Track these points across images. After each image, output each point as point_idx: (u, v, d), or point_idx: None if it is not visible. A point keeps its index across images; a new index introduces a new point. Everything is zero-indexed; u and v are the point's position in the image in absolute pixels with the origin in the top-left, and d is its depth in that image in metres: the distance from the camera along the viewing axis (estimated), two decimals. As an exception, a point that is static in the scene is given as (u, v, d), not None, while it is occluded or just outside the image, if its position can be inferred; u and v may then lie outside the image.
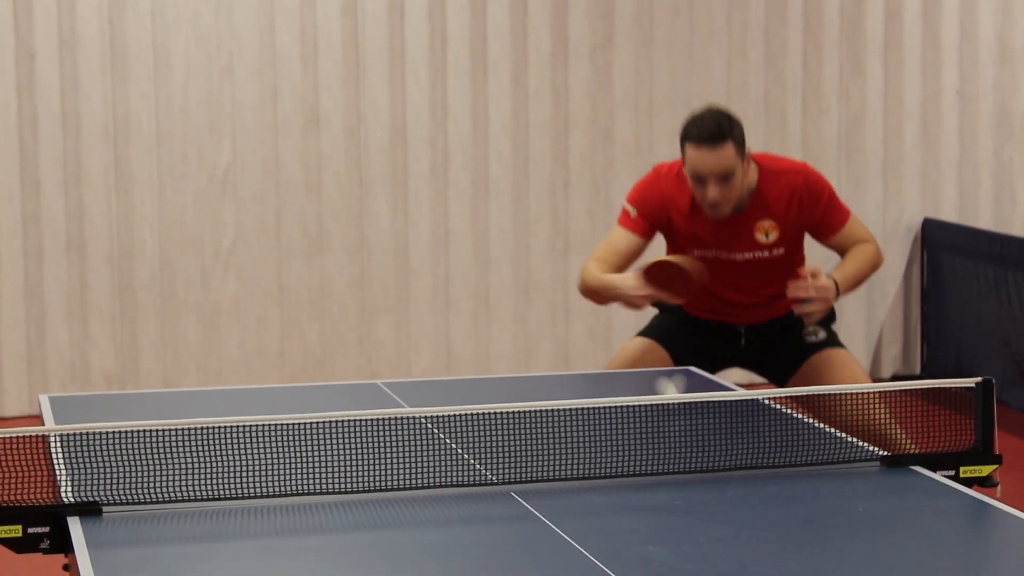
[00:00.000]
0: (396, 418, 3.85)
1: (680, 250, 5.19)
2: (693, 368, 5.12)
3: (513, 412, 3.83)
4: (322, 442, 3.72)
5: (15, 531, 3.37)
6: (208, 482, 3.54)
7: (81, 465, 3.56)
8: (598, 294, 5.11)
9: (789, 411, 4.29)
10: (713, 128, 4.93)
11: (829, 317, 5.31)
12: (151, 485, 3.51)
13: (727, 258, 5.14)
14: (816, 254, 5.73)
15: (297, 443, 3.74)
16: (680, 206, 5.12)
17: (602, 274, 5.06)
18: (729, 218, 5.09)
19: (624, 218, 5.18)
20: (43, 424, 4.23)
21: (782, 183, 5.11)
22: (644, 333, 5.34)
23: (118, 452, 3.58)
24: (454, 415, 3.92)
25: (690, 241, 5.14)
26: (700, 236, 5.13)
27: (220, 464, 3.59)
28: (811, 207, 5.13)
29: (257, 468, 3.60)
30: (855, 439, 4.04)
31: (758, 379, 5.60)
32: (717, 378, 5.00)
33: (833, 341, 5.27)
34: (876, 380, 8.43)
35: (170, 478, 3.55)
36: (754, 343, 5.30)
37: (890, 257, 8.45)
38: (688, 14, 8.15)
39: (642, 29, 8.12)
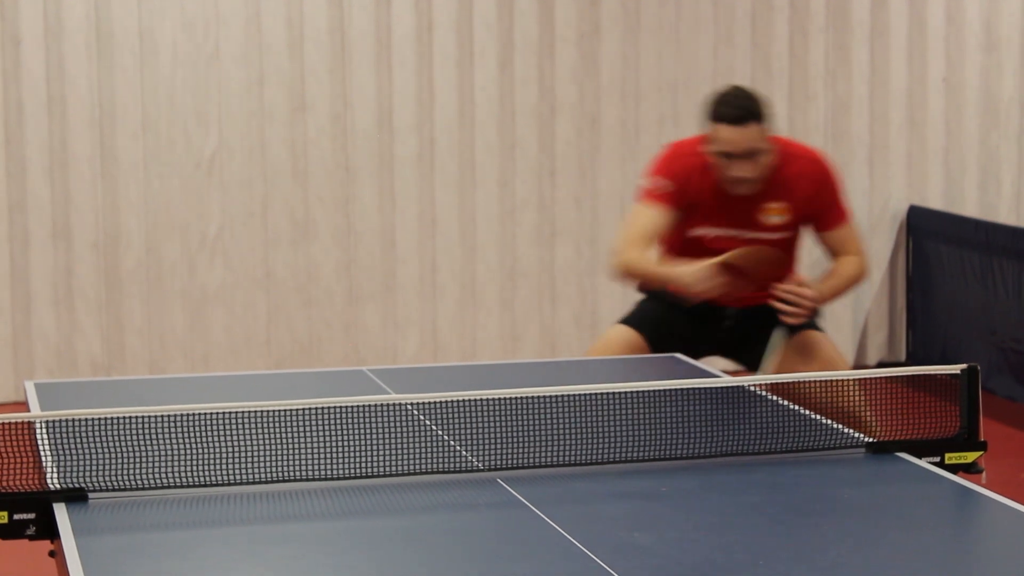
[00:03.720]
0: (382, 405, 3.85)
1: (690, 226, 5.17)
2: (679, 355, 5.12)
3: (499, 399, 3.84)
4: (309, 429, 3.72)
5: (1, 518, 3.37)
6: (194, 469, 3.54)
7: (67, 451, 3.56)
8: (647, 281, 5.08)
9: (774, 398, 4.30)
10: (742, 107, 4.99)
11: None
12: (137, 471, 3.51)
13: (734, 236, 5.14)
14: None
15: (283, 430, 3.74)
16: (699, 182, 5.11)
17: (656, 264, 5.03)
18: (742, 197, 5.10)
19: (655, 194, 5.13)
20: (29, 411, 4.22)
21: (797, 167, 5.14)
22: (625, 321, 5.33)
23: (104, 438, 3.58)
24: (440, 402, 3.92)
25: (703, 217, 5.14)
26: (712, 213, 5.13)
27: (206, 451, 3.59)
28: (820, 195, 5.16)
29: (243, 455, 3.60)
30: (833, 422, 4.05)
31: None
32: (702, 364, 5.01)
33: (812, 325, 5.27)
34: (861, 367, 8.45)
35: (156, 464, 3.55)
36: (738, 328, 5.30)
37: (876, 244, 8.46)
38: (675, 0, 8.15)
39: (628, 15, 8.12)
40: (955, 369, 3.90)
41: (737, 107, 4.99)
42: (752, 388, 4.36)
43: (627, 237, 5.15)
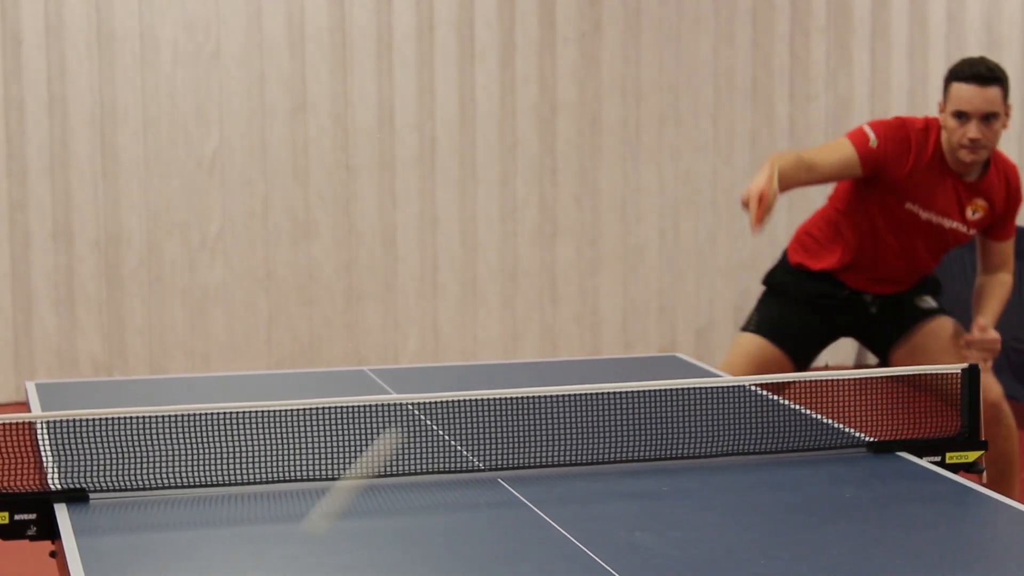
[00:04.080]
0: (383, 405, 3.84)
1: (893, 199, 5.12)
2: (679, 354, 5.11)
3: (500, 399, 3.84)
4: (309, 429, 3.72)
5: (2, 518, 3.37)
6: (195, 469, 3.54)
7: (68, 452, 3.55)
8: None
9: (776, 397, 4.30)
10: (984, 68, 5.04)
11: (938, 288, 5.37)
12: (138, 472, 3.51)
13: (937, 222, 5.14)
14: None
15: (284, 430, 3.74)
16: (917, 158, 5.09)
17: (784, 161, 4.81)
18: (958, 184, 5.10)
19: (861, 140, 5.04)
20: (30, 411, 4.22)
21: (1007, 174, 5.19)
22: (751, 327, 5.27)
23: (105, 439, 3.58)
24: (441, 402, 3.92)
25: (910, 194, 5.10)
26: (926, 193, 5.10)
27: (207, 451, 3.59)
28: (1011, 203, 5.20)
29: (245, 455, 3.60)
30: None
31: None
32: (704, 365, 5.00)
33: (943, 310, 5.31)
34: (863, 366, 8.45)
35: (157, 465, 3.55)
36: (884, 312, 5.29)
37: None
38: (675, 0, 8.15)
39: (629, 15, 8.12)
40: (956, 368, 3.90)
41: (979, 67, 5.04)
42: (753, 388, 4.36)
43: (806, 150, 5.10)
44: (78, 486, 3.44)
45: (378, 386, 4.63)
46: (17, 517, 3.38)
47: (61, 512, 3.35)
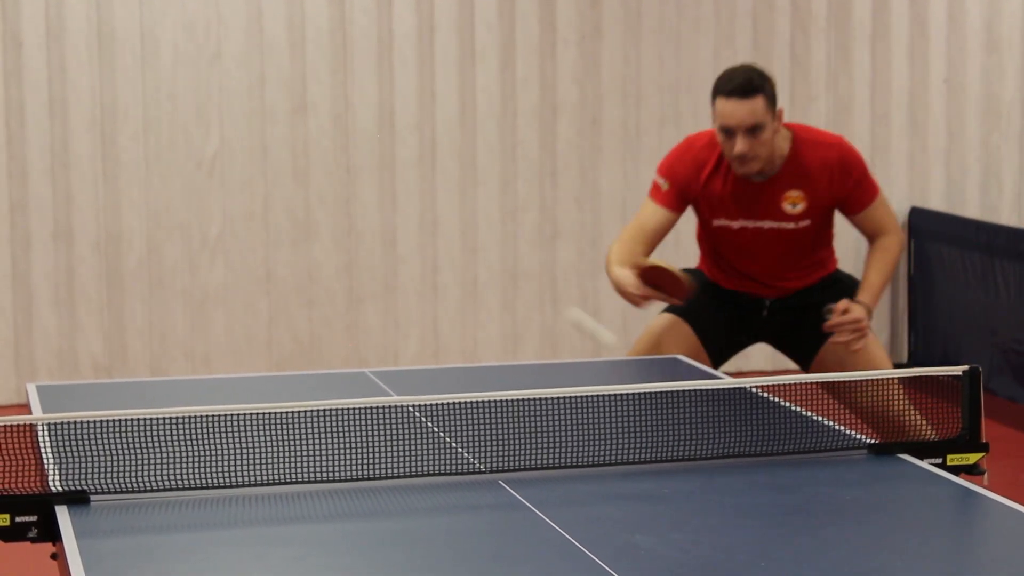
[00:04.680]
0: (384, 407, 3.84)
1: (708, 219, 5.18)
2: (680, 357, 5.12)
3: (501, 400, 3.84)
4: (310, 431, 3.72)
5: (3, 520, 3.37)
6: (196, 471, 3.54)
7: (69, 454, 3.55)
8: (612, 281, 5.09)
9: (776, 399, 4.30)
10: (743, 81, 4.98)
11: (852, 292, 5.31)
12: (139, 474, 3.51)
13: (753, 227, 5.13)
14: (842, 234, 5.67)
15: (285, 432, 3.74)
16: (710, 173, 5.11)
17: (614, 264, 5.02)
18: (758, 185, 5.09)
19: (655, 192, 5.16)
20: (31, 413, 4.22)
21: (816, 155, 5.10)
22: (668, 309, 5.32)
23: (106, 441, 3.58)
24: (441, 403, 3.92)
25: (718, 209, 5.13)
26: (728, 204, 5.12)
27: (208, 453, 3.59)
28: (841, 181, 5.11)
29: (245, 457, 3.60)
30: (841, 430, 4.05)
31: (781, 363, 5.55)
32: (705, 367, 5.00)
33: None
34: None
35: (158, 467, 3.55)
36: (777, 317, 5.29)
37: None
38: (676, 1, 8.15)
39: (630, 16, 8.12)
40: (957, 370, 3.90)
41: (737, 80, 4.98)
42: (753, 390, 4.36)
43: (622, 233, 5.18)
44: (79, 488, 3.44)
45: (378, 388, 4.63)
46: (18, 519, 3.39)
47: (62, 514, 3.35)
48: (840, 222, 5.31)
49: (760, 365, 8.04)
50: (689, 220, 5.33)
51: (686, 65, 8.17)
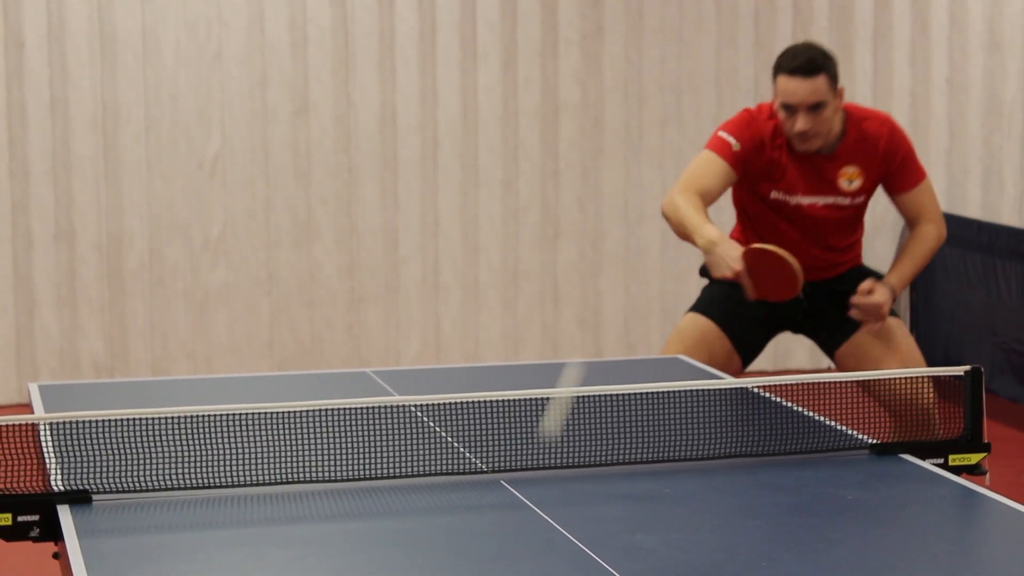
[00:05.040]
0: (386, 406, 3.85)
1: (763, 192, 5.16)
2: (682, 356, 5.11)
3: (502, 400, 3.84)
4: (312, 430, 3.72)
5: (5, 519, 3.37)
6: (197, 470, 3.54)
7: (71, 453, 3.56)
8: (684, 231, 4.95)
9: (777, 399, 4.30)
10: (807, 59, 4.99)
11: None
12: (141, 473, 3.51)
13: (809, 203, 5.14)
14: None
15: (287, 431, 3.74)
16: (773, 145, 5.10)
17: (701, 217, 4.90)
18: (816, 161, 5.10)
19: (724, 149, 5.08)
20: (33, 412, 4.22)
21: (868, 129, 5.13)
22: (696, 308, 5.29)
23: (108, 440, 3.58)
24: (443, 403, 3.92)
25: (778, 183, 5.13)
26: (789, 178, 5.12)
27: (209, 452, 3.59)
28: (891, 157, 5.14)
29: (246, 456, 3.60)
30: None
31: (782, 362, 5.55)
32: (705, 367, 5.00)
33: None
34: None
35: (160, 466, 3.55)
36: (813, 304, 5.28)
37: (878, 246, 8.46)
38: (677, 1, 8.15)
39: (632, 16, 8.12)
40: (959, 371, 3.90)
41: (801, 58, 4.99)
42: (754, 390, 4.36)
43: (685, 180, 5.06)
44: (81, 488, 3.45)
45: (380, 387, 4.63)
46: (20, 519, 3.39)
47: (64, 514, 3.35)
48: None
49: (761, 365, 8.04)
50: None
51: (688, 65, 8.17)
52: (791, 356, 8.36)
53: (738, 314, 5.22)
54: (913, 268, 5.19)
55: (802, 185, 5.13)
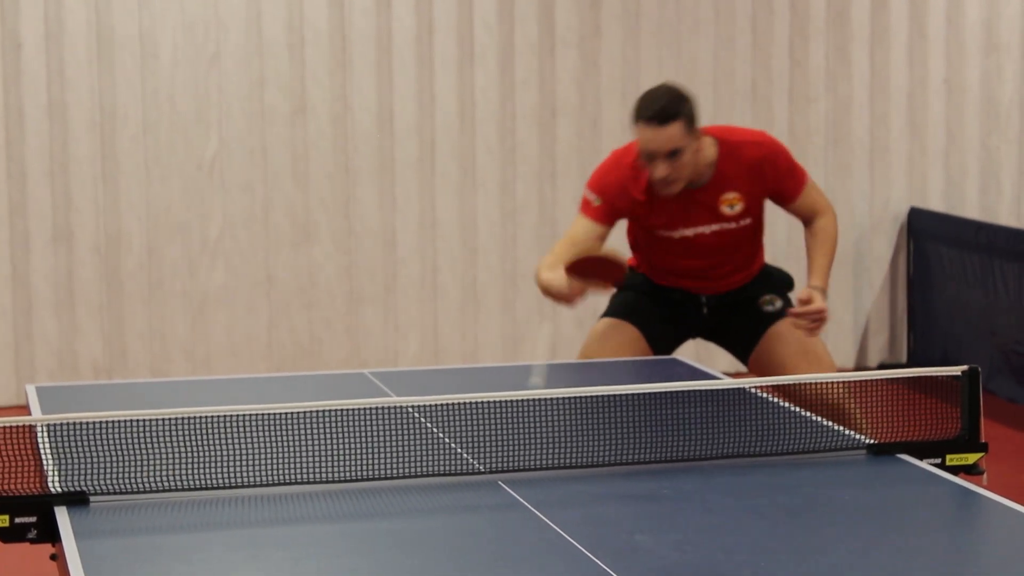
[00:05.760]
0: (384, 407, 3.85)
1: (645, 232, 5.21)
2: (680, 357, 5.12)
3: (500, 401, 3.84)
4: (310, 431, 3.72)
5: (2, 521, 3.38)
6: (195, 472, 3.54)
7: (68, 455, 3.56)
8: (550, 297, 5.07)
9: (776, 399, 4.30)
10: (661, 107, 4.97)
11: (786, 284, 5.36)
12: (138, 475, 3.51)
13: (695, 233, 5.16)
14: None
15: (285, 433, 3.74)
16: (644, 187, 5.12)
17: (542, 271, 4.99)
18: (692, 194, 5.11)
19: (586, 207, 5.14)
20: (30, 414, 4.22)
21: (743, 154, 5.14)
22: (608, 313, 5.36)
23: (105, 442, 3.58)
24: (441, 404, 3.92)
25: (656, 222, 5.15)
26: (665, 216, 5.13)
27: (207, 454, 3.60)
28: (772, 176, 5.16)
29: (245, 458, 3.61)
30: (825, 420, 4.06)
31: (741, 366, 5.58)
32: (703, 367, 5.01)
33: (789, 307, 5.30)
34: (863, 369, 8.45)
35: (157, 468, 3.55)
36: (715, 313, 5.33)
37: (876, 246, 8.47)
38: (675, 2, 8.15)
39: (629, 17, 8.12)
40: (956, 370, 3.90)
41: (654, 106, 4.98)
42: (753, 390, 4.36)
43: (557, 249, 5.09)
44: (79, 489, 3.45)
45: (378, 389, 4.63)
46: (18, 520, 3.39)
47: (62, 515, 3.35)
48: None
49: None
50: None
51: (685, 67, 8.17)
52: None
53: (651, 316, 5.29)
54: (829, 263, 5.20)
55: (682, 218, 5.15)
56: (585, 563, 3.06)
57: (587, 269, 4.88)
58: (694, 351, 7.06)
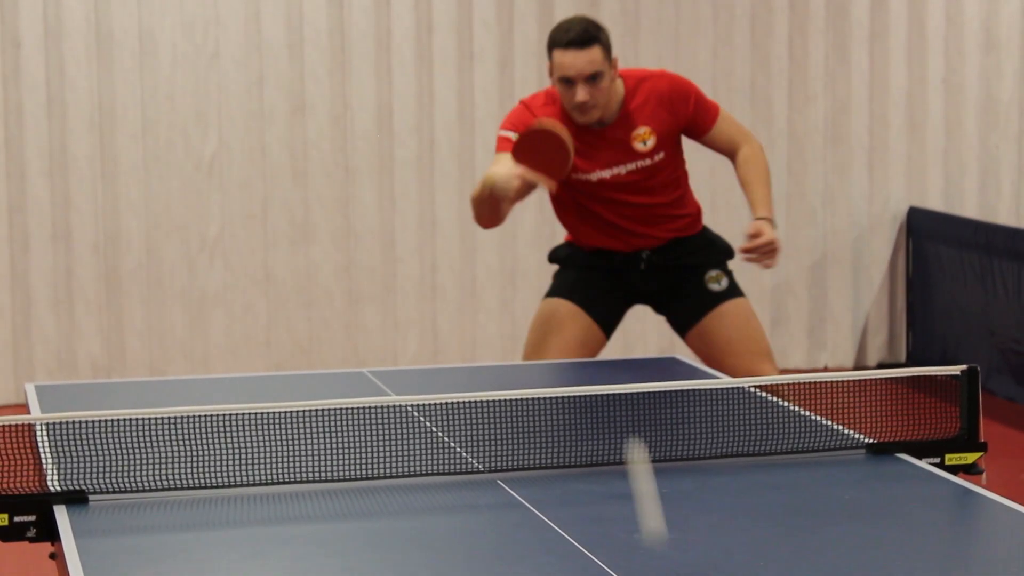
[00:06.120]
0: (383, 406, 3.85)
1: (566, 188, 5.18)
2: (679, 357, 5.12)
3: (499, 400, 3.84)
4: (309, 430, 3.72)
5: (2, 520, 3.37)
6: (194, 470, 3.54)
7: (67, 454, 3.56)
8: (481, 203, 5.03)
9: (775, 399, 4.30)
10: (580, 31, 5.04)
11: (727, 254, 5.36)
12: (138, 473, 3.51)
13: (611, 174, 5.15)
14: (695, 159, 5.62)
15: (284, 432, 3.74)
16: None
17: (486, 177, 4.97)
18: (603, 133, 5.12)
19: (504, 143, 5.08)
20: (29, 413, 4.22)
21: (647, 88, 5.17)
22: (549, 294, 5.36)
23: (104, 440, 3.58)
24: (440, 403, 3.92)
25: (576, 161, 5.12)
26: (580, 158, 5.11)
27: (206, 452, 3.59)
28: (681, 106, 5.17)
29: (244, 456, 3.61)
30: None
31: (780, 362, 5.55)
32: (702, 366, 5.01)
33: (734, 291, 5.30)
34: (862, 368, 8.45)
35: (157, 466, 3.55)
36: (656, 274, 5.30)
37: (875, 245, 8.47)
38: (674, 2, 8.15)
39: (628, 16, 8.12)
40: (955, 370, 3.90)
41: (573, 31, 5.04)
42: (752, 390, 4.36)
43: (481, 182, 5.07)
44: (78, 488, 3.45)
45: (377, 388, 4.63)
46: (17, 519, 3.39)
47: (61, 514, 3.35)
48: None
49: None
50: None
51: (684, 65, 8.16)
52: (788, 356, 8.36)
53: (595, 292, 5.29)
54: (768, 190, 5.19)
55: (597, 159, 5.15)
56: (584, 562, 3.06)
57: (534, 147, 4.83)
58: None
